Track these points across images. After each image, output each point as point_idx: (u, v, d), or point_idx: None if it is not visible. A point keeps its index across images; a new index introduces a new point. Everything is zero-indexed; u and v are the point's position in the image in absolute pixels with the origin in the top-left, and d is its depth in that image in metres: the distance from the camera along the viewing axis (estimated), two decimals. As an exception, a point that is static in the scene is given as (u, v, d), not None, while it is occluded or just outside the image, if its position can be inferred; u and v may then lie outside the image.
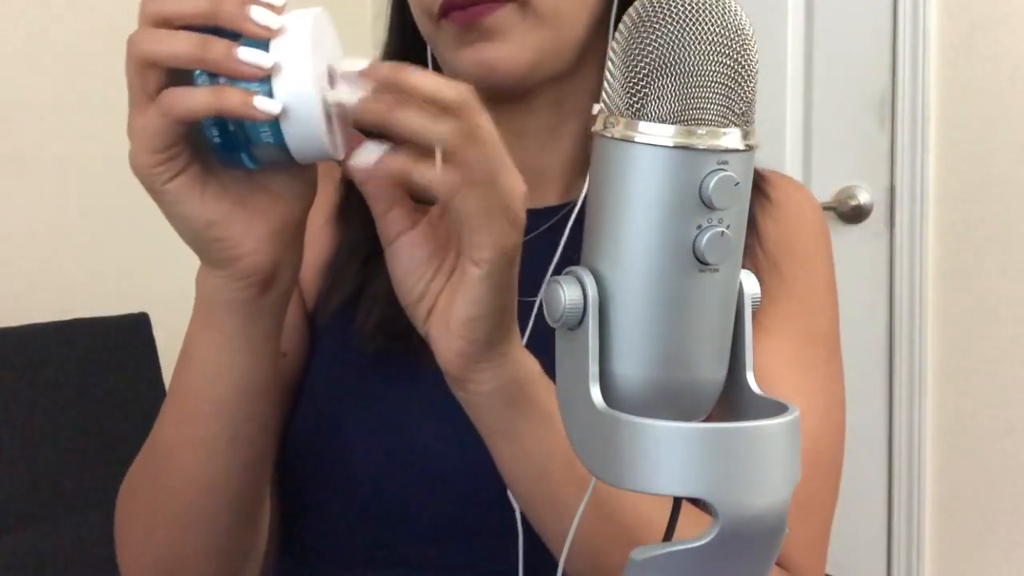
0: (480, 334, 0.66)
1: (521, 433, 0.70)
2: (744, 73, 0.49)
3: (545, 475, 0.71)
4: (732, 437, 0.49)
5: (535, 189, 0.88)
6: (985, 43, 2.10)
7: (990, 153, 2.11)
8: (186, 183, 0.64)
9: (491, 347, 0.67)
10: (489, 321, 0.66)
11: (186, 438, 0.75)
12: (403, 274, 0.67)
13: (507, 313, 0.67)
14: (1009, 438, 2.12)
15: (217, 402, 0.73)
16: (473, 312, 0.65)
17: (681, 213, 0.49)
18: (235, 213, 0.66)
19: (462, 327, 0.66)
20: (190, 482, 0.75)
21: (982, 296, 2.13)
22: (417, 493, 0.83)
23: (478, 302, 0.64)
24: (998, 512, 2.14)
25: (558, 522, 0.72)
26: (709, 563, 0.49)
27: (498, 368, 0.68)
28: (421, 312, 0.68)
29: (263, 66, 0.61)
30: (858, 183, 2.24)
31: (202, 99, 0.61)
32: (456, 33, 0.81)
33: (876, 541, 2.25)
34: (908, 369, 2.20)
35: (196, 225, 0.65)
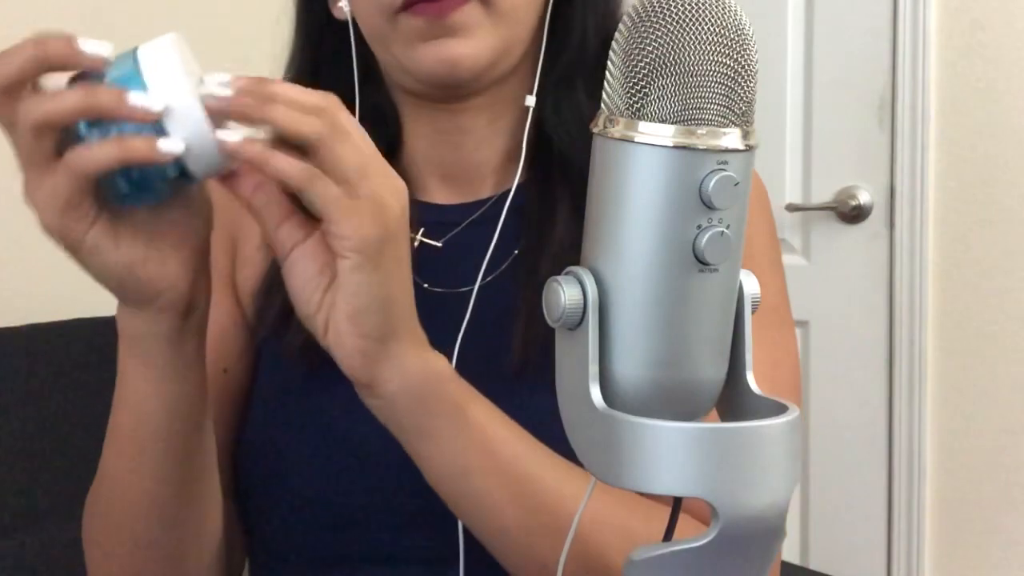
0: (368, 327, 0.67)
1: (435, 430, 0.71)
2: (744, 73, 0.49)
3: (464, 470, 0.72)
4: (732, 437, 0.49)
5: (471, 184, 0.90)
6: (985, 43, 2.11)
7: (990, 153, 2.11)
8: (100, 233, 0.66)
9: (385, 341, 0.67)
10: (374, 314, 0.66)
11: (125, 466, 0.76)
12: (299, 287, 0.68)
13: (394, 305, 0.67)
14: (1009, 438, 2.12)
15: (152, 428, 0.74)
16: (353, 305, 0.66)
17: (681, 213, 0.49)
18: (149, 251, 0.67)
19: (349, 324, 0.66)
20: (134, 505, 0.77)
21: (982, 296, 2.13)
22: (354, 490, 0.84)
23: (356, 294, 0.65)
24: (998, 512, 2.14)
25: (484, 518, 0.73)
26: (708, 563, 0.49)
27: (399, 365, 0.68)
28: (319, 325, 0.68)
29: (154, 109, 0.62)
30: (858, 183, 2.24)
31: (109, 151, 0.62)
32: (419, 28, 0.81)
33: (876, 541, 2.25)
34: (908, 369, 2.20)
35: (116, 271, 0.67)
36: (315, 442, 0.85)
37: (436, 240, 0.88)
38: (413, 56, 0.82)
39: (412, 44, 0.82)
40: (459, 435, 0.71)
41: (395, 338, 0.68)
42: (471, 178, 0.90)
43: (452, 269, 0.87)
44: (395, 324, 0.68)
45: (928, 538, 2.21)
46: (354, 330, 0.67)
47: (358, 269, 0.65)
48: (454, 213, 0.89)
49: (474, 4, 0.81)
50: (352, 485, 0.84)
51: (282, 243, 0.67)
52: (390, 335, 0.68)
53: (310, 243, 0.67)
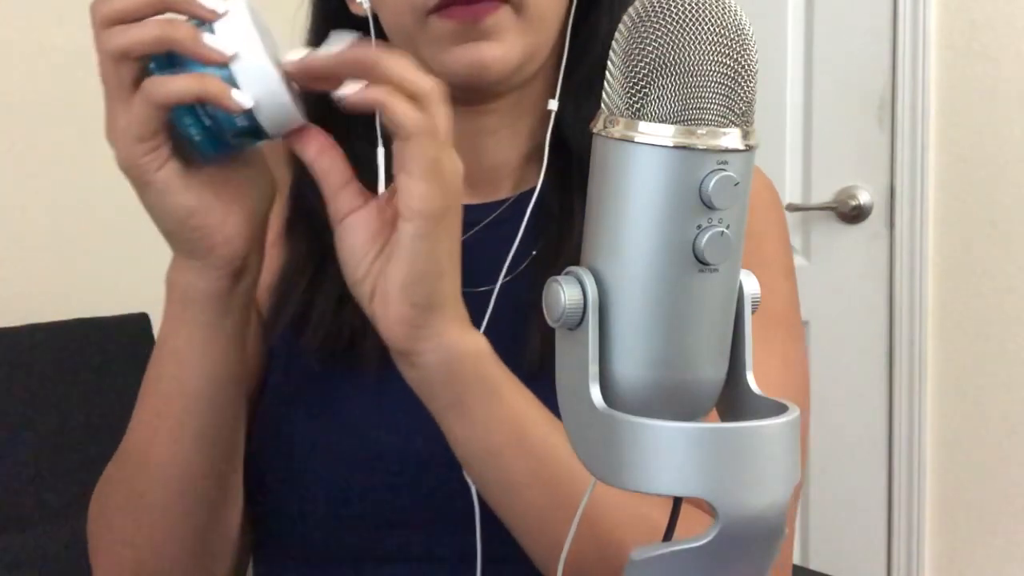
0: (418, 297, 0.68)
1: (469, 407, 0.72)
2: (744, 73, 0.49)
3: (495, 450, 0.73)
4: (732, 437, 0.49)
5: (489, 185, 0.91)
6: (985, 43, 2.11)
7: (990, 153, 2.11)
8: (172, 173, 0.68)
9: (431, 312, 0.69)
10: (427, 284, 0.68)
11: (161, 435, 0.77)
12: (349, 251, 0.70)
13: (444, 279, 0.69)
14: (1009, 438, 2.12)
15: (192, 394, 0.75)
16: (408, 272, 0.68)
17: (681, 213, 0.49)
18: (214, 202, 0.70)
19: (400, 291, 0.68)
20: (165, 481, 0.77)
21: (982, 296, 2.14)
22: (371, 488, 0.84)
23: (414, 261, 0.68)
24: (998, 512, 2.14)
25: (509, 497, 0.74)
26: (709, 563, 0.49)
27: (440, 338, 0.70)
28: (366, 291, 0.70)
29: (226, 53, 0.65)
30: (858, 183, 2.24)
31: (184, 84, 0.64)
32: (450, 30, 0.81)
33: (876, 541, 2.25)
34: (908, 369, 2.20)
35: (179, 215, 0.69)
36: (332, 441, 0.85)
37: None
38: (443, 58, 0.82)
39: (442, 46, 0.82)
40: (492, 413, 0.72)
41: (441, 311, 0.69)
42: (490, 179, 0.91)
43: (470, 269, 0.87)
44: (443, 297, 0.69)
45: (928, 538, 2.22)
46: (404, 297, 0.68)
47: (422, 236, 0.67)
48: (472, 213, 0.89)
49: (506, 9, 0.81)
50: (369, 486, 0.84)
51: (339, 207, 0.70)
52: (437, 307, 0.69)
53: (365, 210, 0.70)
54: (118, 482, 0.81)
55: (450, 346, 0.70)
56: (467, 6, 0.80)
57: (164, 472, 0.77)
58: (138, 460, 0.78)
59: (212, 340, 0.74)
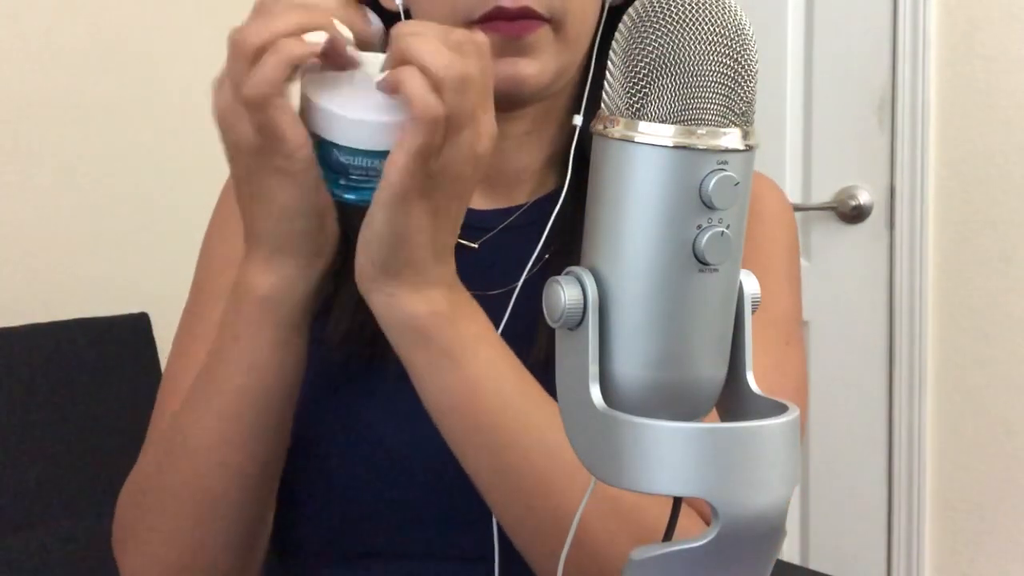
0: (373, 255, 0.72)
1: (416, 365, 0.74)
2: (744, 73, 0.49)
3: (444, 410, 0.74)
4: (732, 437, 0.49)
5: (508, 189, 0.92)
6: (985, 43, 2.10)
7: (990, 153, 2.11)
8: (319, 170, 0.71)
9: (385, 274, 0.72)
10: (381, 245, 0.71)
11: (222, 434, 0.78)
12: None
13: (405, 247, 0.71)
14: (1009, 438, 2.12)
15: (263, 396, 0.77)
16: (367, 232, 0.71)
17: (681, 213, 0.49)
18: (334, 210, 0.75)
19: (361, 241, 0.72)
20: (222, 477, 0.79)
21: (982, 296, 2.13)
22: (385, 487, 0.85)
23: (373, 222, 0.71)
24: (998, 512, 2.14)
25: (462, 457, 0.75)
26: (709, 563, 0.49)
27: (390, 298, 0.73)
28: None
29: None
30: (858, 183, 2.24)
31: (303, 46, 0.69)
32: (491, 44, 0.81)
33: (876, 541, 2.25)
34: (908, 369, 2.20)
35: (318, 212, 0.73)
36: (350, 438, 0.86)
37: (472, 242, 0.90)
38: None
39: None
40: (441, 375, 0.74)
41: (395, 274, 0.72)
42: (509, 184, 0.92)
43: (486, 272, 0.88)
44: (399, 263, 0.72)
45: (928, 538, 2.22)
46: (362, 249, 0.72)
47: (385, 204, 0.70)
48: (490, 218, 0.91)
49: (547, 28, 0.83)
50: (386, 483, 0.85)
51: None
52: (390, 271, 0.72)
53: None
54: (168, 482, 0.81)
55: (399, 308, 0.73)
56: (511, 22, 0.81)
57: (221, 469, 0.79)
58: (191, 457, 0.79)
59: (288, 342, 0.77)
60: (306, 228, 0.73)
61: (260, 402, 0.78)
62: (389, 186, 0.69)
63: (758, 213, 0.92)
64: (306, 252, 0.74)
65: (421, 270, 0.73)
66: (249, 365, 0.77)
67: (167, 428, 0.83)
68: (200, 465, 0.79)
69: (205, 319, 0.90)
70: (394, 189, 0.69)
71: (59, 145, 1.91)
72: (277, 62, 0.67)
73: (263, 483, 0.81)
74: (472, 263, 0.87)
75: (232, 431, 0.78)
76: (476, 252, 0.90)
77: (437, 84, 0.67)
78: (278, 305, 0.75)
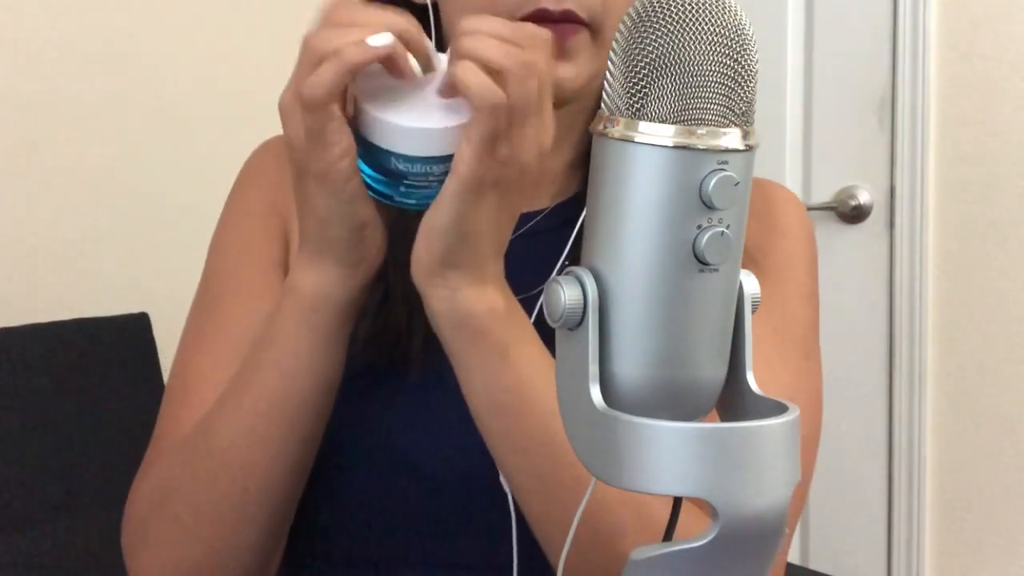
0: (435, 247, 0.71)
1: (471, 363, 0.74)
2: (744, 73, 0.49)
3: (493, 410, 0.74)
4: (732, 437, 0.49)
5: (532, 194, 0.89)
6: (985, 43, 2.10)
7: (990, 153, 2.11)
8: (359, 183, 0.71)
9: (447, 266, 0.71)
10: (447, 238, 0.70)
11: (255, 435, 0.78)
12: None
13: (470, 240, 0.71)
14: (1009, 438, 2.12)
15: (300, 399, 0.78)
16: (434, 222, 0.71)
17: (681, 213, 0.49)
18: (376, 219, 0.74)
19: (425, 235, 0.71)
20: (252, 480, 0.79)
21: (982, 296, 2.13)
22: (404, 495, 0.84)
23: (440, 214, 0.70)
24: (998, 512, 2.14)
25: (506, 457, 0.75)
26: (709, 563, 0.49)
27: (451, 291, 0.72)
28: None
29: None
30: (858, 183, 2.24)
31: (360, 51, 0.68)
32: None
33: (876, 541, 2.25)
34: (908, 369, 2.20)
35: (358, 222, 0.72)
36: (370, 446, 0.85)
37: None
38: None
39: None
40: (492, 373, 0.73)
41: (456, 268, 0.72)
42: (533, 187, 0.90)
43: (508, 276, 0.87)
44: (463, 257, 0.71)
45: (928, 538, 2.22)
46: (425, 243, 0.71)
47: (455, 196, 0.69)
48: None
49: (586, 33, 0.82)
50: (406, 492, 0.84)
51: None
52: (453, 264, 0.72)
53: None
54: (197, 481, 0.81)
55: (459, 302, 0.72)
56: (553, 24, 0.80)
57: (251, 472, 0.79)
58: (219, 459, 0.79)
59: (330, 347, 0.77)
60: (342, 237, 0.73)
61: (295, 406, 0.78)
62: (459, 178, 0.69)
63: (778, 226, 0.92)
64: (346, 260, 0.74)
65: (482, 265, 0.73)
66: (288, 369, 0.77)
67: (195, 430, 0.82)
68: (231, 464, 0.79)
69: (216, 315, 0.90)
70: (464, 181, 0.69)
71: (59, 145, 1.91)
72: (337, 67, 0.67)
73: (290, 486, 0.81)
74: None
75: (265, 433, 0.78)
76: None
77: (499, 75, 0.67)
78: (320, 308, 0.75)
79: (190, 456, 0.81)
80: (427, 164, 0.70)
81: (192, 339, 0.91)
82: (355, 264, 0.74)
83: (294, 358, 0.77)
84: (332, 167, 0.70)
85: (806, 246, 0.93)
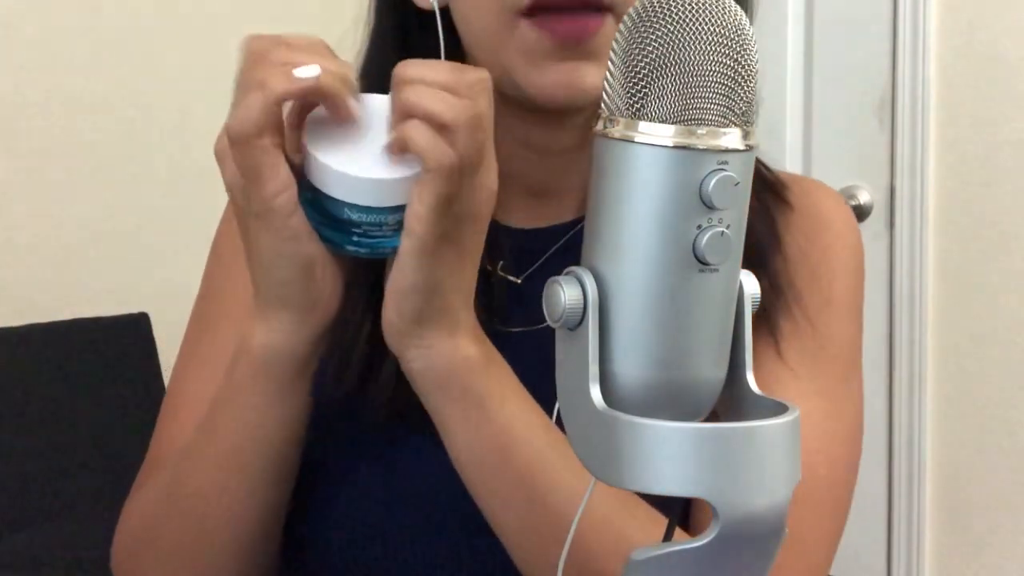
0: (406, 308, 0.69)
1: (451, 416, 0.72)
2: (744, 73, 0.49)
3: (476, 461, 0.73)
4: (732, 437, 0.49)
5: (553, 205, 0.86)
6: (985, 43, 2.10)
7: (990, 153, 2.11)
8: (301, 220, 0.68)
9: (418, 324, 0.70)
10: (414, 296, 0.69)
11: (223, 484, 0.77)
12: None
13: (437, 295, 0.69)
14: (1009, 438, 2.12)
15: (263, 450, 0.76)
16: (399, 284, 0.69)
17: (681, 213, 0.49)
18: (327, 257, 0.70)
19: (390, 298, 0.69)
20: (228, 523, 0.78)
21: (982, 296, 2.13)
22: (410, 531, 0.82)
23: (403, 275, 0.68)
24: (998, 512, 2.14)
25: (492, 509, 0.74)
26: (709, 563, 0.49)
27: (427, 349, 0.70)
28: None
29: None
30: (858, 183, 2.24)
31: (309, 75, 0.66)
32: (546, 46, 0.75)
33: (876, 541, 2.25)
34: (908, 369, 2.20)
35: (304, 263, 0.69)
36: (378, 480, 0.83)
37: (515, 275, 0.86)
38: (534, 74, 0.76)
39: (534, 59, 0.76)
40: (475, 426, 0.72)
41: (428, 323, 0.70)
42: (554, 199, 0.86)
43: (529, 306, 0.81)
44: (434, 311, 0.69)
45: (928, 538, 2.21)
46: (392, 304, 0.70)
47: (413, 254, 0.67)
48: (535, 240, 0.86)
49: (610, 22, 0.74)
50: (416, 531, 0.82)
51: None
52: (423, 320, 0.70)
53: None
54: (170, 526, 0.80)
55: (435, 358, 0.71)
56: (570, 19, 0.74)
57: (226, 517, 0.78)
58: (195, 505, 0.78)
59: (289, 397, 0.74)
60: (290, 279, 0.69)
61: (259, 457, 0.76)
62: (415, 238, 0.67)
63: (824, 235, 0.86)
64: (297, 305, 0.71)
65: (454, 317, 0.71)
66: (246, 422, 0.75)
67: (169, 473, 0.81)
68: (201, 510, 0.78)
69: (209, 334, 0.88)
70: (421, 241, 0.67)
71: (59, 145, 1.91)
72: (262, 98, 0.65)
73: (272, 526, 0.80)
74: (514, 297, 0.84)
75: (231, 484, 0.77)
76: (518, 286, 0.85)
77: (447, 130, 0.65)
78: (272, 362, 0.73)
79: (165, 491, 0.81)
80: (381, 215, 0.68)
81: (187, 356, 0.90)
82: (308, 309, 0.71)
83: (251, 412, 0.75)
84: (270, 204, 0.67)
85: (852, 256, 0.87)
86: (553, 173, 0.85)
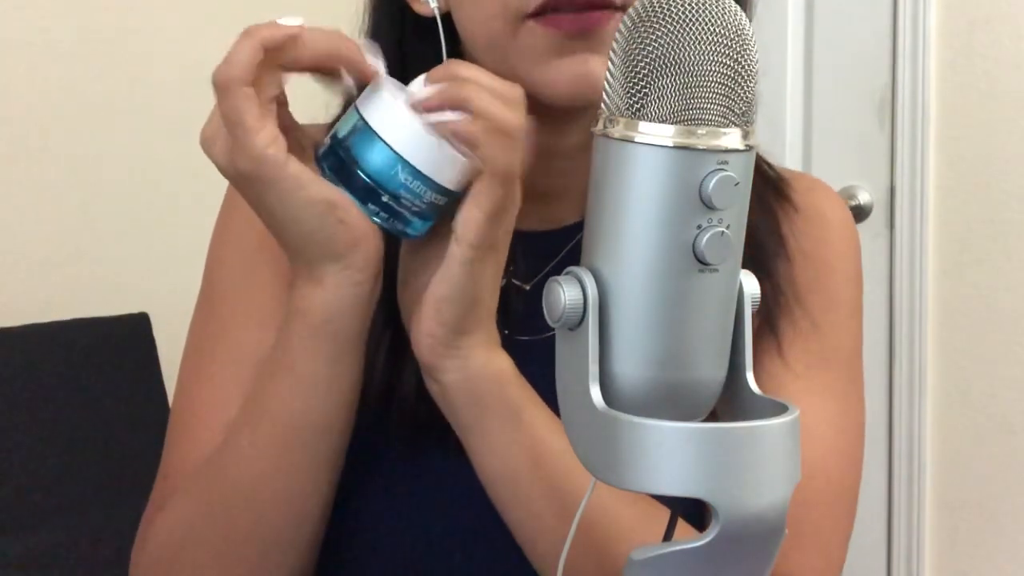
0: (450, 317, 0.69)
1: (487, 429, 0.72)
2: (744, 73, 0.49)
3: (510, 474, 0.72)
4: (732, 437, 0.49)
5: (558, 209, 0.85)
6: (985, 43, 2.10)
7: (990, 153, 2.11)
8: (299, 165, 0.67)
9: (460, 334, 0.70)
10: (461, 307, 0.69)
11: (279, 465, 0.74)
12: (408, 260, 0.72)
13: (479, 306, 0.70)
14: (1009, 438, 2.12)
15: (321, 422, 0.73)
16: (445, 291, 0.68)
17: (681, 213, 0.49)
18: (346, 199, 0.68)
19: (435, 308, 0.69)
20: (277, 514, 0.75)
21: (982, 296, 2.13)
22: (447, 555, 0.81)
23: (454, 284, 0.68)
24: (998, 512, 2.14)
25: (523, 521, 0.73)
26: (709, 563, 0.49)
27: (465, 360, 0.70)
28: (407, 298, 0.72)
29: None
30: (858, 183, 2.24)
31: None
32: (554, 41, 0.73)
33: (876, 541, 2.25)
34: (908, 369, 2.20)
35: (320, 207, 0.67)
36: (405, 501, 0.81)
37: (523, 280, 0.85)
38: (542, 71, 0.74)
39: (541, 57, 0.74)
40: (510, 438, 0.71)
41: (468, 334, 0.70)
42: (559, 201, 0.85)
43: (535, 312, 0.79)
44: (474, 322, 0.70)
45: (928, 538, 2.21)
46: (436, 314, 0.69)
47: (469, 263, 0.67)
48: (542, 244, 0.84)
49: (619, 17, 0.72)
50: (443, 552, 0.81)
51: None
52: (466, 331, 0.70)
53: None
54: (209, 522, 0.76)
55: (473, 368, 0.71)
56: (576, 14, 0.72)
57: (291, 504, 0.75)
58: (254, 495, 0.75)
59: (349, 357, 0.72)
60: (313, 227, 0.67)
61: (317, 430, 0.73)
62: (468, 246, 0.67)
63: (826, 235, 0.87)
64: (334, 252, 0.68)
65: (489, 327, 0.71)
66: (304, 394, 0.72)
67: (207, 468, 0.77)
68: (253, 500, 0.75)
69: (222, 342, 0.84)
70: (474, 248, 0.67)
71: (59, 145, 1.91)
72: (246, 45, 0.64)
73: (315, 520, 0.77)
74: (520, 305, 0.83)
75: (287, 461, 0.74)
76: (527, 292, 0.84)
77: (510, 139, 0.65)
78: (331, 319, 0.70)
79: (204, 496, 0.77)
80: (422, 186, 0.67)
81: (196, 365, 0.86)
82: (349, 251, 0.68)
83: (311, 378, 0.72)
84: (261, 155, 0.65)
85: (852, 256, 0.89)
86: (559, 174, 0.83)
